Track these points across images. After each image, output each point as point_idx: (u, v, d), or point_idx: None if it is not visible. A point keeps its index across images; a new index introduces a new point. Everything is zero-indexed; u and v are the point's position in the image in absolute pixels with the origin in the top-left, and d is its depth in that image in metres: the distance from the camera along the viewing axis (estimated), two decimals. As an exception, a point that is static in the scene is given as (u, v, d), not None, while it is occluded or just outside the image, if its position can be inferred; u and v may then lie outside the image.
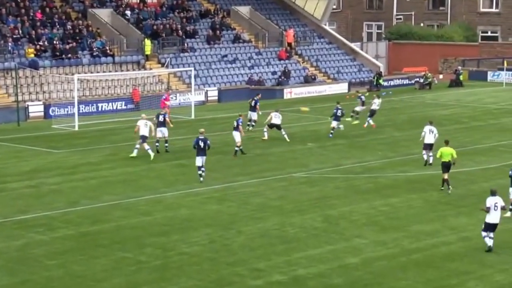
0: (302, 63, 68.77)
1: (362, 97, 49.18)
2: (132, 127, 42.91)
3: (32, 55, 55.84)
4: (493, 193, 24.47)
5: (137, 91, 55.71)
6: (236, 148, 38.42)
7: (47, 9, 61.19)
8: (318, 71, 68.35)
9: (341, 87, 65.58)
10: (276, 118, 42.46)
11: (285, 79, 64.44)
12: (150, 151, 37.90)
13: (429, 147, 35.85)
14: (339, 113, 43.52)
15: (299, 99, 61.28)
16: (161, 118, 39.69)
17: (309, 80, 65.71)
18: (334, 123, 43.52)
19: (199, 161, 33.53)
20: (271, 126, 42.67)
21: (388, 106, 55.13)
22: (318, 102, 58.75)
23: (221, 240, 25.83)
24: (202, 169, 33.55)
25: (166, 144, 39.77)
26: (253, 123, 45.89)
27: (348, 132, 44.91)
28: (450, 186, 31.51)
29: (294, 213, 29.07)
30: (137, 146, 38.38)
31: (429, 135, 35.76)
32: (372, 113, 46.68)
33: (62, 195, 31.77)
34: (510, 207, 28.44)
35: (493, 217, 24.24)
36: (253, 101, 46.36)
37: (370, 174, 35.09)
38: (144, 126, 38.27)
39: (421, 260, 23.91)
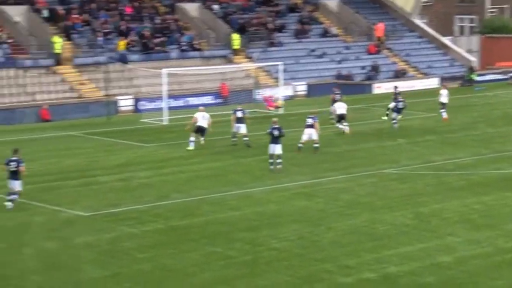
0: (392, 57, 67.90)
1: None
2: (220, 121, 43.13)
3: (123, 48, 56.50)
4: None
5: (225, 85, 55.84)
6: (300, 144, 37.87)
7: (136, 4, 61.85)
8: (409, 66, 67.39)
9: (432, 82, 64.52)
10: (340, 108, 42.37)
11: (374, 73, 63.72)
12: (191, 144, 38.75)
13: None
14: (400, 105, 43.88)
15: (389, 94, 60.43)
16: (239, 114, 39.57)
17: (399, 75, 64.83)
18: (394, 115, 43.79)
19: (272, 148, 33.98)
20: (339, 118, 42.63)
21: (481, 102, 54.07)
22: (408, 97, 57.80)
23: (310, 236, 25.55)
24: (278, 160, 33.91)
25: (245, 138, 39.57)
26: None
27: (439, 128, 44.06)
28: None
29: (384, 209, 28.61)
30: (192, 138, 38.99)
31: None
32: (443, 105, 46.14)
33: (152, 188, 31.96)
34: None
35: None
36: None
37: (462, 171, 34.34)
38: (202, 118, 38.83)
39: (517, 260, 23.24)
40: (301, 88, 59.77)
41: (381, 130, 43.88)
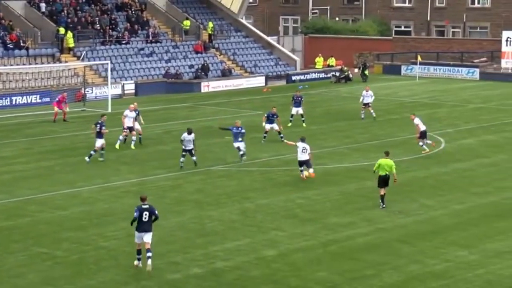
0: (219, 56, 68.79)
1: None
2: (47, 121, 42.49)
3: None
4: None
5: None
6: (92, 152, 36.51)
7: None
8: (235, 65, 68.46)
9: (258, 81, 65.80)
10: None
11: (203, 73, 64.34)
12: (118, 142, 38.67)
13: (303, 163, 32.68)
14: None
15: (217, 92, 61.33)
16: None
17: (226, 74, 65.77)
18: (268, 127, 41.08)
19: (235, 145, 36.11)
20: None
21: (304, 100, 55.54)
22: (235, 96, 58.91)
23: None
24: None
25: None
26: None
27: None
28: (384, 204, 28.82)
29: (212, 206, 29.11)
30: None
31: (302, 153, 32.54)
32: (365, 106, 47.37)
33: (-25, 190, 31.16)
34: None
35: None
36: None
37: (286, 167, 35.32)
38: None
39: (337, 252, 24.23)
40: (130, 87, 59.55)
41: (209, 128, 44.42)
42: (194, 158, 34.99)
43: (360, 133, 43.75)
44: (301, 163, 32.70)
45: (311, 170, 32.64)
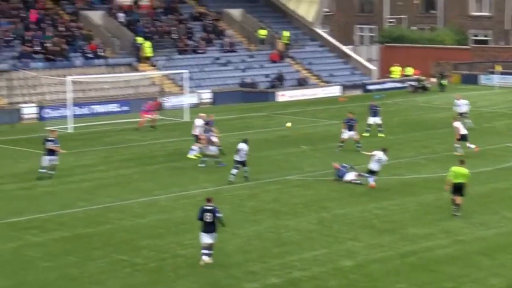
0: (295, 66, 68.86)
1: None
2: (126, 129, 43.06)
3: (28, 54, 55.60)
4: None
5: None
6: None
7: (40, 11, 61.11)
8: (311, 74, 68.43)
9: (334, 90, 65.68)
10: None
11: (278, 82, 64.49)
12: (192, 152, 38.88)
13: (373, 173, 33.02)
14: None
15: (292, 102, 61.37)
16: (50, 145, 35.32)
17: (301, 83, 65.80)
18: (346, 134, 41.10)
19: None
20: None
21: (381, 110, 55.25)
22: (311, 105, 58.87)
23: (216, 242, 25.80)
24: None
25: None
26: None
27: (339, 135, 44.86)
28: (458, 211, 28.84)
29: (289, 216, 29.10)
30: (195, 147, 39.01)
31: (375, 163, 32.91)
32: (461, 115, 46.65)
33: (56, 197, 31.74)
34: None
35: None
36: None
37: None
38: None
39: (415, 263, 23.98)
40: (206, 96, 60.05)
41: (285, 137, 44.46)
42: (246, 168, 33.85)
43: (438, 143, 43.26)
44: (371, 172, 32.69)
45: (371, 180, 32.52)
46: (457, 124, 39.72)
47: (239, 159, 33.83)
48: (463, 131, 39.31)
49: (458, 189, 28.61)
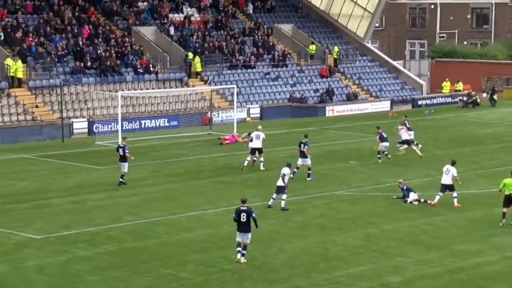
0: (344, 80, 68.70)
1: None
2: (174, 144, 43.32)
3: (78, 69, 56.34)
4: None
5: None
6: None
7: (91, 27, 61.89)
8: (361, 89, 68.21)
9: (383, 105, 65.35)
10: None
11: (328, 97, 64.41)
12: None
13: (445, 188, 32.55)
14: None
15: (341, 116, 61.19)
16: (121, 152, 36.90)
17: (351, 98, 65.60)
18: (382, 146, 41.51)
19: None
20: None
21: (430, 125, 54.86)
22: (360, 120, 58.64)
23: (262, 257, 25.86)
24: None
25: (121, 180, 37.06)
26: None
27: (389, 150, 44.66)
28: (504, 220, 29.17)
29: (336, 231, 29.01)
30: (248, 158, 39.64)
31: (445, 175, 32.52)
32: None
33: (104, 211, 32.03)
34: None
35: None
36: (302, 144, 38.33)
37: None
38: (255, 138, 39.69)
39: (464, 280, 23.74)
40: (255, 111, 60.17)
41: (334, 152, 44.33)
42: (285, 197, 31.84)
43: (488, 159, 42.81)
44: (444, 187, 32.39)
45: (455, 199, 32.40)
46: None
47: (281, 185, 32.05)
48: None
49: (509, 200, 28.76)
